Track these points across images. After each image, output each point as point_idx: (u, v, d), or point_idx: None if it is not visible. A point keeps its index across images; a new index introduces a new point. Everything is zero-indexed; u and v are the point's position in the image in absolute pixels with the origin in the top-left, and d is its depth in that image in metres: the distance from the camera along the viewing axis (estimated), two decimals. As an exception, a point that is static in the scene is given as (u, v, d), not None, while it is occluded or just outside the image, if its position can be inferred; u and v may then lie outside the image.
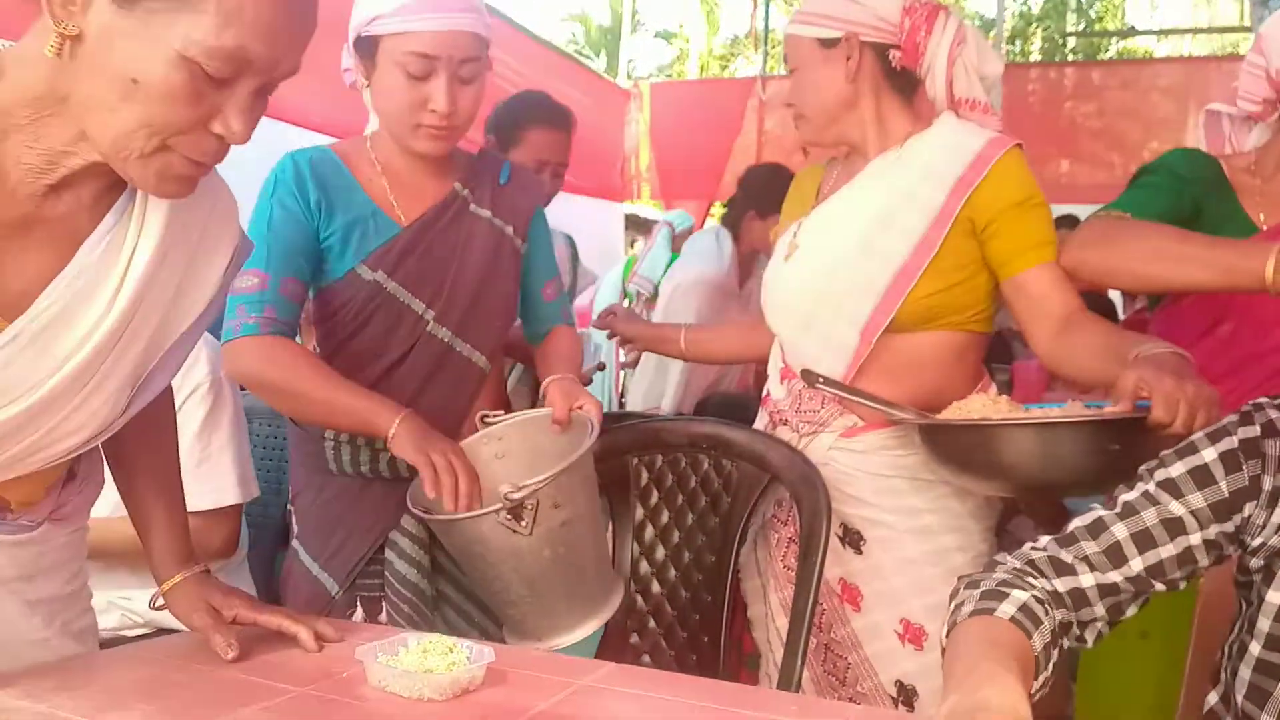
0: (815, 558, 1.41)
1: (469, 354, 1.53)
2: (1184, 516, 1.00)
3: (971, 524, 1.54)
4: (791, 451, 1.53)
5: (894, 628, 1.52)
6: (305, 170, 1.46)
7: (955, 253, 1.49)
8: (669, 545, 1.66)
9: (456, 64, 1.41)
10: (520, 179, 1.63)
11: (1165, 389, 1.14)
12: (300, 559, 1.53)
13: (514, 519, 1.24)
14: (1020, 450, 1.28)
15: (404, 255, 1.48)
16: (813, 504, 1.45)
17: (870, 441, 1.53)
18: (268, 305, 1.39)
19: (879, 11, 1.53)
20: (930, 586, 1.50)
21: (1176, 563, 1.00)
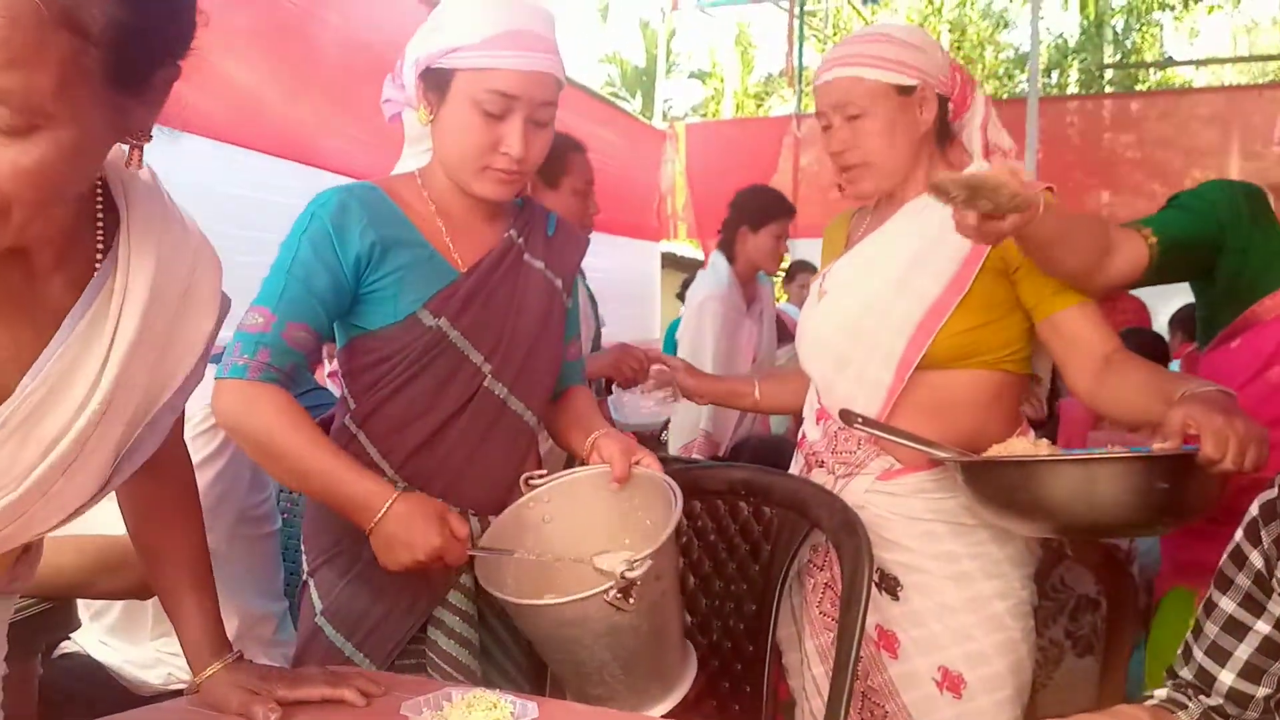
0: (858, 607, 1.39)
1: (522, 412, 1.44)
2: (1234, 611, 1.03)
3: (1010, 570, 1.52)
4: (832, 498, 1.52)
5: (932, 675, 1.50)
6: (355, 209, 1.34)
7: (987, 292, 1.49)
8: (710, 595, 1.65)
9: (536, 106, 1.34)
10: (565, 231, 1.56)
11: (1215, 425, 1.14)
12: (326, 636, 1.38)
13: (623, 596, 1.15)
14: (1066, 489, 1.27)
15: (467, 302, 1.38)
16: (854, 551, 1.43)
17: (908, 484, 1.52)
18: (264, 348, 1.28)
19: (939, 63, 1.57)
20: (969, 634, 1.49)
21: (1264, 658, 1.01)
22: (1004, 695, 1.50)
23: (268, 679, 1.10)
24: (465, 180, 1.38)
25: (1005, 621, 1.51)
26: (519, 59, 1.31)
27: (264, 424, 1.28)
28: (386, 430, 1.37)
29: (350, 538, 1.36)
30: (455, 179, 1.39)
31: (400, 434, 1.37)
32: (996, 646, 1.50)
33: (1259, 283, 1.48)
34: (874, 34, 1.61)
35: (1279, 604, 1.00)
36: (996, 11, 16.04)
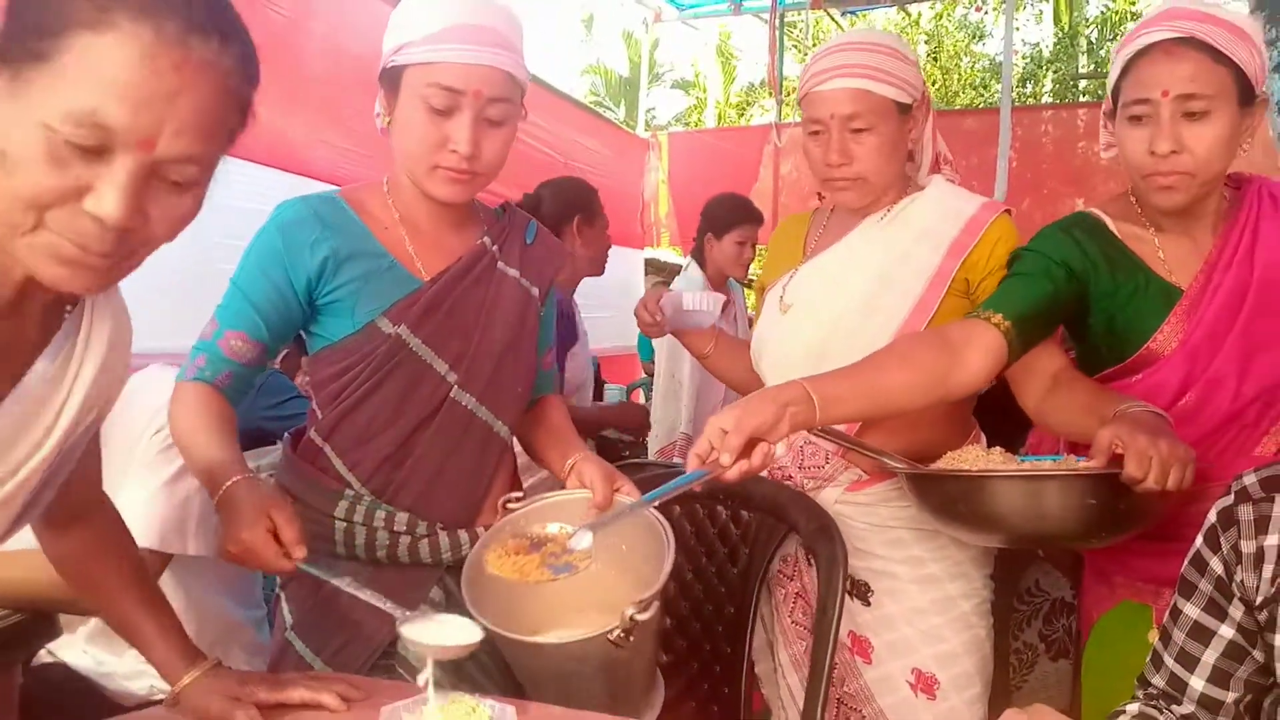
0: (834, 610, 1.42)
1: (492, 422, 1.41)
2: (1198, 617, 1.04)
3: (973, 571, 1.56)
4: (809, 503, 1.54)
5: (906, 678, 1.53)
6: (309, 222, 1.33)
7: (952, 313, 1.51)
8: (690, 598, 1.67)
9: (484, 102, 1.30)
10: (545, 240, 1.54)
11: (1138, 446, 1.16)
12: (296, 651, 1.37)
13: (625, 635, 1.14)
14: (998, 502, 1.30)
15: (429, 310, 1.36)
16: (829, 555, 1.45)
17: (875, 494, 1.55)
18: (201, 354, 1.32)
19: (919, 77, 1.58)
20: (939, 635, 1.52)
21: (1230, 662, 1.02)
22: (974, 693, 1.54)
23: (247, 683, 1.10)
24: (418, 180, 1.36)
25: (971, 620, 1.55)
26: (464, 52, 1.28)
27: (176, 415, 1.31)
28: (352, 442, 1.36)
29: (320, 553, 1.33)
30: (413, 180, 1.37)
31: (366, 446, 1.36)
32: (965, 645, 1.53)
33: (1140, 321, 1.42)
34: (876, 44, 1.55)
35: (1239, 608, 1.02)
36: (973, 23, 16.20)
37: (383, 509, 1.36)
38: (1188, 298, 1.40)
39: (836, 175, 1.55)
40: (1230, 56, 1.31)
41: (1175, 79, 1.31)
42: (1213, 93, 1.31)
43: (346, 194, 1.41)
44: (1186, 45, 1.31)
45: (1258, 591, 0.99)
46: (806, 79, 1.57)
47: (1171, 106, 1.31)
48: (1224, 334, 1.36)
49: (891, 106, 1.53)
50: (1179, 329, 1.39)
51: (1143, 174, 1.37)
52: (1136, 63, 1.35)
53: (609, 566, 1.34)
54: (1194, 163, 1.33)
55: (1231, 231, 1.40)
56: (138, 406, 1.54)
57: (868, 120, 1.51)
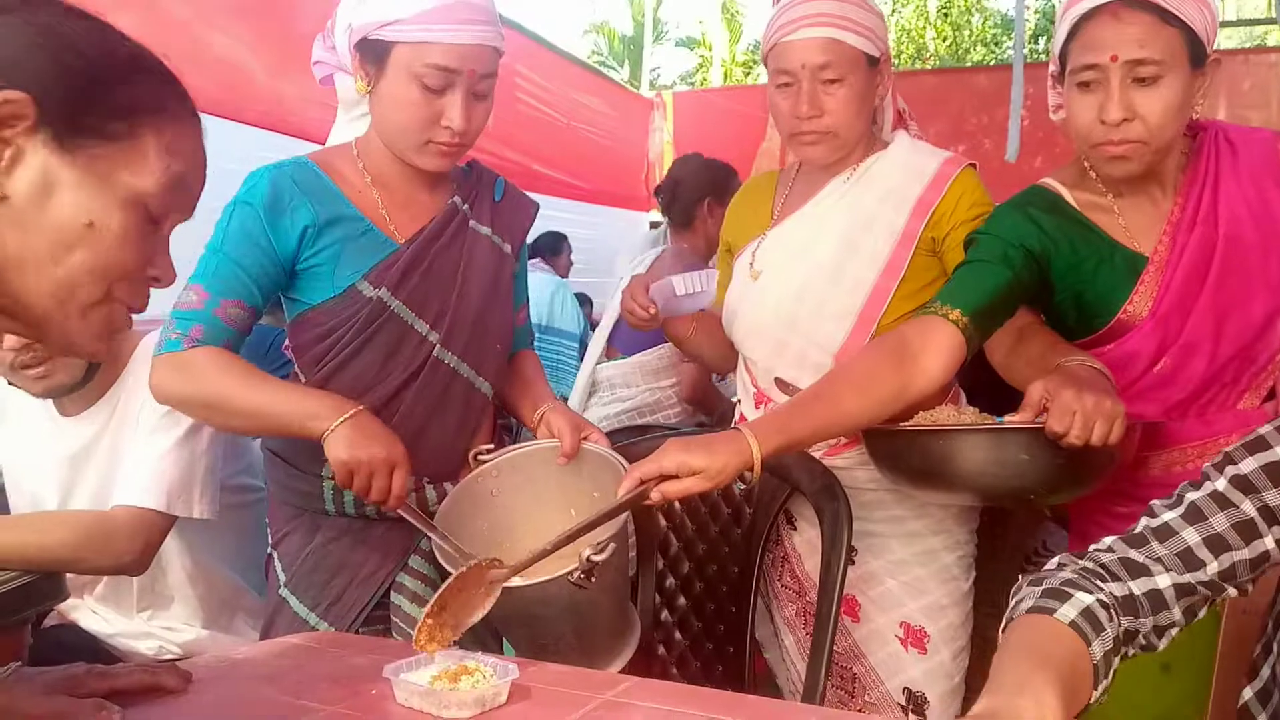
0: (838, 566, 1.41)
1: (474, 380, 1.45)
2: (1255, 518, 0.97)
3: (955, 526, 1.56)
4: (812, 462, 1.53)
5: (895, 633, 1.54)
6: (288, 188, 1.35)
7: (922, 272, 1.51)
8: (694, 559, 1.67)
9: (476, 79, 1.34)
10: (514, 196, 1.56)
11: (1063, 400, 1.14)
12: (291, 608, 1.40)
13: (586, 577, 1.18)
14: (934, 456, 1.29)
15: (407, 272, 1.38)
16: (833, 512, 1.45)
17: (853, 457, 1.55)
18: (196, 324, 1.31)
19: (885, 30, 1.55)
20: (924, 588, 1.53)
21: (1249, 566, 0.98)
22: (959, 646, 1.55)
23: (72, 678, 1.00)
24: (406, 153, 1.38)
25: (955, 572, 1.56)
26: (459, 32, 1.30)
27: (205, 377, 1.29)
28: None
29: (310, 511, 1.39)
30: (395, 151, 1.39)
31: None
32: (950, 596, 1.54)
33: (1108, 292, 1.38)
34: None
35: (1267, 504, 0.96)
36: (985, -23, 15.95)
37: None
38: (1153, 264, 1.36)
39: (806, 129, 1.50)
40: (1179, 16, 1.25)
41: (1124, 43, 1.25)
42: (1163, 56, 1.25)
43: (317, 158, 1.42)
44: (1134, 7, 1.25)
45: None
46: (773, 30, 1.52)
47: (1121, 72, 1.26)
48: (1195, 296, 1.34)
49: (861, 58, 1.50)
50: (1149, 296, 1.36)
51: (1092, 143, 1.32)
52: (1083, 26, 1.29)
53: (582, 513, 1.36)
54: (1146, 130, 1.28)
55: (1191, 189, 1.36)
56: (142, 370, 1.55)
57: (839, 71, 1.47)
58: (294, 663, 1.13)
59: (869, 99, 1.53)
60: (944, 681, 1.52)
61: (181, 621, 1.65)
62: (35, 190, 0.75)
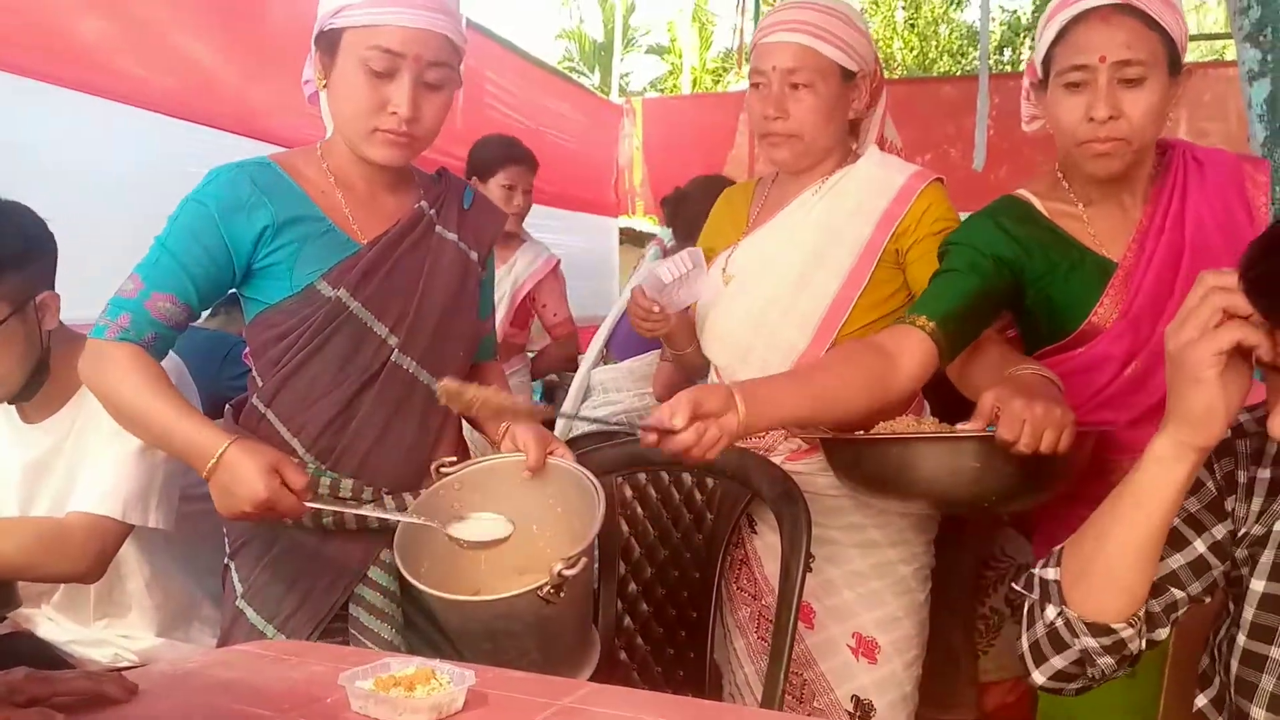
0: (798, 571, 1.43)
1: (434, 386, 1.37)
2: (1180, 526, 1.02)
3: (913, 536, 1.58)
4: (772, 468, 1.55)
5: (846, 642, 1.56)
6: (246, 189, 1.33)
7: (885, 284, 1.54)
8: (655, 563, 1.68)
9: (424, 66, 1.31)
10: (482, 204, 1.55)
11: (1013, 409, 1.16)
12: (248, 619, 1.38)
13: (555, 591, 1.17)
14: (888, 464, 1.31)
15: (369, 273, 1.36)
16: (793, 517, 1.47)
17: (814, 464, 1.57)
18: (125, 313, 1.29)
19: (872, 53, 1.58)
20: (880, 600, 1.55)
21: (1191, 571, 1.02)
22: (913, 655, 1.57)
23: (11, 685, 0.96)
24: (356, 144, 1.37)
25: (911, 584, 1.57)
26: (404, 14, 1.29)
27: (112, 379, 1.29)
28: (294, 408, 1.36)
29: (271, 526, 1.37)
30: (350, 145, 1.38)
31: (308, 411, 1.36)
32: (905, 609, 1.56)
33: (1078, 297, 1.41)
34: (828, 6, 1.56)
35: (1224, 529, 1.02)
36: (952, -11, 16.13)
37: (328, 476, 1.37)
38: (1122, 269, 1.40)
39: (772, 129, 1.55)
40: (1161, 23, 1.32)
41: (1113, 45, 1.31)
42: (1147, 59, 1.31)
43: (279, 159, 1.41)
44: (1121, 12, 1.31)
45: (1244, 523, 1.01)
46: (757, 32, 1.58)
47: (1109, 72, 1.31)
48: (1164, 300, 1.37)
49: (834, 69, 1.53)
50: (1118, 301, 1.39)
51: (1078, 141, 1.36)
52: (1072, 29, 1.34)
53: (546, 527, 1.37)
54: (1130, 129, 1.33)
55: (1160, 197, 1.40)
56: None
57: (807, 77, 1.52)
58: (249, 671, 1.13)
59: (840, 110, 1.56)
60: (893, 690, 1.54)
61: (138, 629, 1.63)
62: None
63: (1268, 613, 0.97)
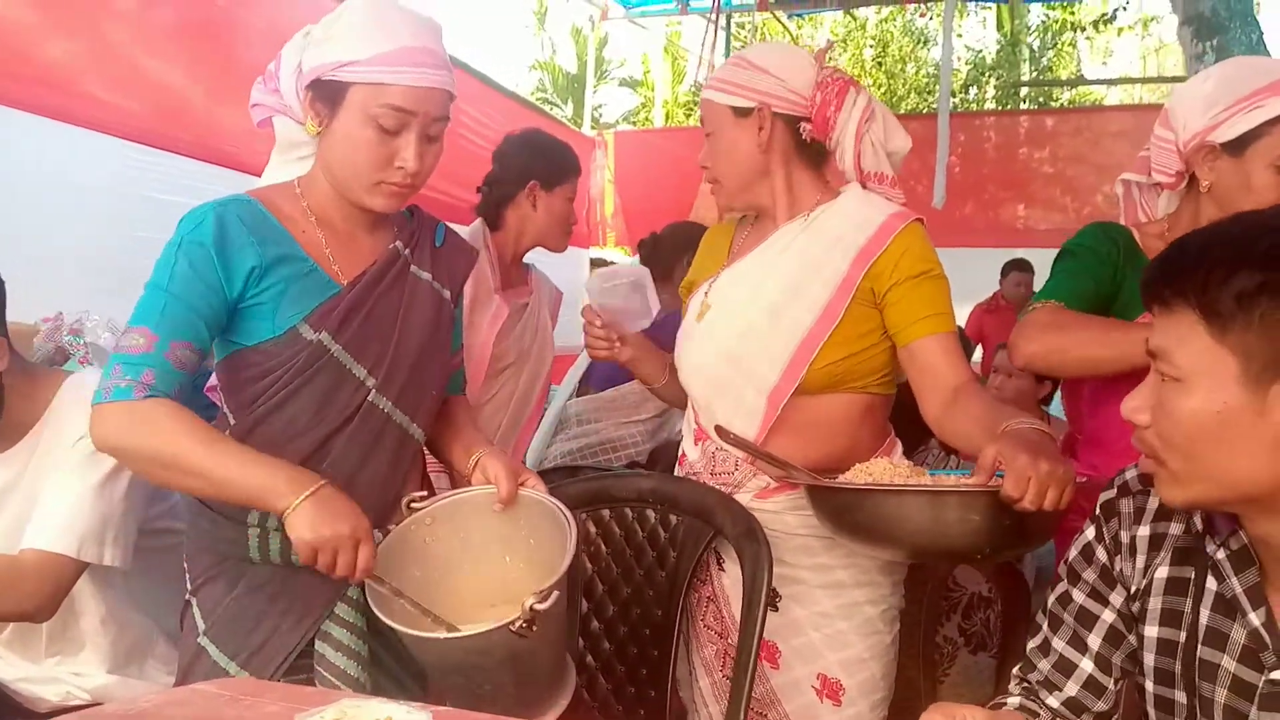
0: (758, 609, 1.44)
1: (407, 425, 1.43)
2: (1084, 602, 1.09)
3: (881, 578, 1.57)
4: (735, 506, 1.56)
5: (811, 683, 1.55)
6: (235, 226, 1.32)
7: (858, 321, 1.53)
8: (618, 601, 1.68)
9: (430, 121, 1.35)
10: (454, 242, 1.56)
11: (1018, 465, 1.17)
12: (210, 656, 1.36)
13: (528, 626, 1.16)
14: (881, 515, 1.30)
15: (349, 315, 1.37)
16: (754, 556, 1.47)
17: (782, 502, 1.57)
18: (148, 369, 1.25)
19: (791, 85, 1.57)
20: (845, 641, 1.55)
21: (1111, 648, 1.08)
22: (879, 697, 1.57)
23: None
24: (356, 194, 1.38)
25: (878, 626, 1.57)
26: (415, 75, 1.32)
27: (158, 435, 1.24)
28: (268, 447, 1.32)
29: (234, 559, 1.36)
30: (345, 191, 1.39)
31: (282, 450, 1.33)
32: (871, 650, 1.56)
33: (1131, 307, 1.55)
34: (734, 58, 1.66)
35: (1120, 595, 1.07)
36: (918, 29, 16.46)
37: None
38: None
39: (708, 179, 1.66)
40: None
41: None
42: None
43: (260, 196, 1.40)
44: None
45: (1132, 580, 1.05)
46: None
47: None
48: None
49: (726, 112, 1.60)
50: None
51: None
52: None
53: (518, 560, 1.37)
54: None
55: None
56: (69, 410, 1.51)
57: (709, 125, 1.63)
58: (204, 711, 1.11)
59: (739, 147, 1.59)
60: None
61: (91, 667, 1.60)
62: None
63: (1165, 656, 1.02)
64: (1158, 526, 1.04)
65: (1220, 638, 0.97)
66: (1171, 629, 1.01)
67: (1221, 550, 0.97)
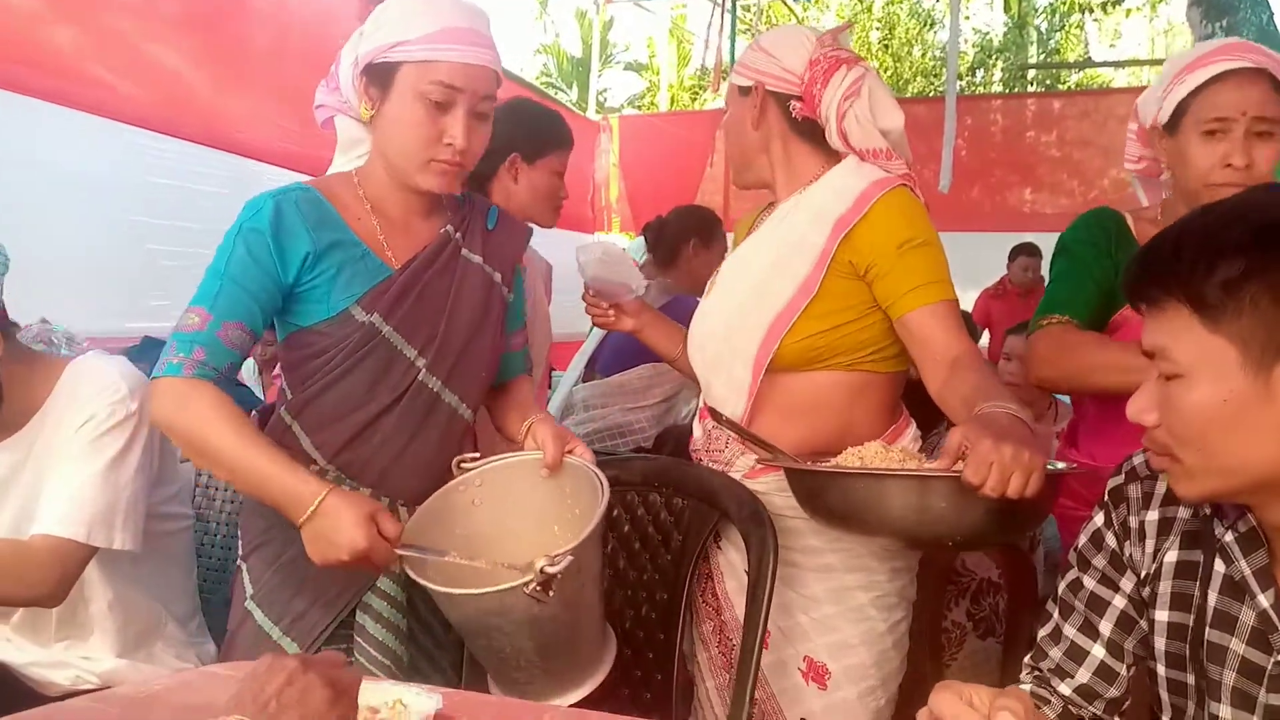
0: (764, 592, 1.43)
1: (456, 405, 1.47)
2: (1095, 589, 1.09)
3: (875, 564, 1.54)
4: (741, 489, 1.56)
5: (798, 665, 1.55)
6: (291, 214, 1.37)
7: (839, 295, 1.51)
8: (624, 585, 1.68)
9: (478, 99, 1.39)
10: (506, 225, 1.59)
11: (981, 451, 1.12)
12: (255, 621, 1.41)
13: (542, 589, 1.17)
14: (850, 499, 1.28)
15: (399, 298, 1.41)
16: (760, 540, 1.47)
17: (769, 483, 1.56)
18: (199, 347, 1.31)
19: (785, 64, 1.59)
20: (832, 625, 1.53)
21: (1122, 633, 1.08)
22: (868, 686, 1.54)
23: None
24: (409, 173, 1.41)
25: (869, 613, 1.54)
26: (464, 52, 1.36)
27: (197, 420, 1.29)
28: (320, 422, 1.40)
29: (281, 525, 1.38)
30: (398, 173, 1.43)
31: (334, 426, 1.40)
32: (860, 636, 1.53)
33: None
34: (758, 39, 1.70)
35: (1130, 580, 1.07)
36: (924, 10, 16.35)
37: (347, 484, 1.40)
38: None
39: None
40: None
41: (1251, 102, 1.53)
42: (1276, 116, 1.54)
43: (319, 185, 1.45)
44: (1257, 75, 1.54)
45: (1142, 565, 1.06)
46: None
47: (1246, 125, 1.53)
48: None
49: (734, 91, 1.67)
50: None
51: (1210, 183, 1.55)
52: (1213, 85, 1.55)
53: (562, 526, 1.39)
54: (1259, 176, 1.53)
55: None
56: (73, 394, 1.52)
57: (727, 104, 1.71)
58: (215, 694, 1.11)
59: (740, 124, 1.65)
60: (843, 717, 1.52)
61: (100, 651, 1.61)
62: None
63: (1176, 640, 1.02)
64: (1166, 511, 1.05)
65: (1229, 620, 0.97)
66: (1182, 613, 1.01)
67: (1230, 533, 0.97)
